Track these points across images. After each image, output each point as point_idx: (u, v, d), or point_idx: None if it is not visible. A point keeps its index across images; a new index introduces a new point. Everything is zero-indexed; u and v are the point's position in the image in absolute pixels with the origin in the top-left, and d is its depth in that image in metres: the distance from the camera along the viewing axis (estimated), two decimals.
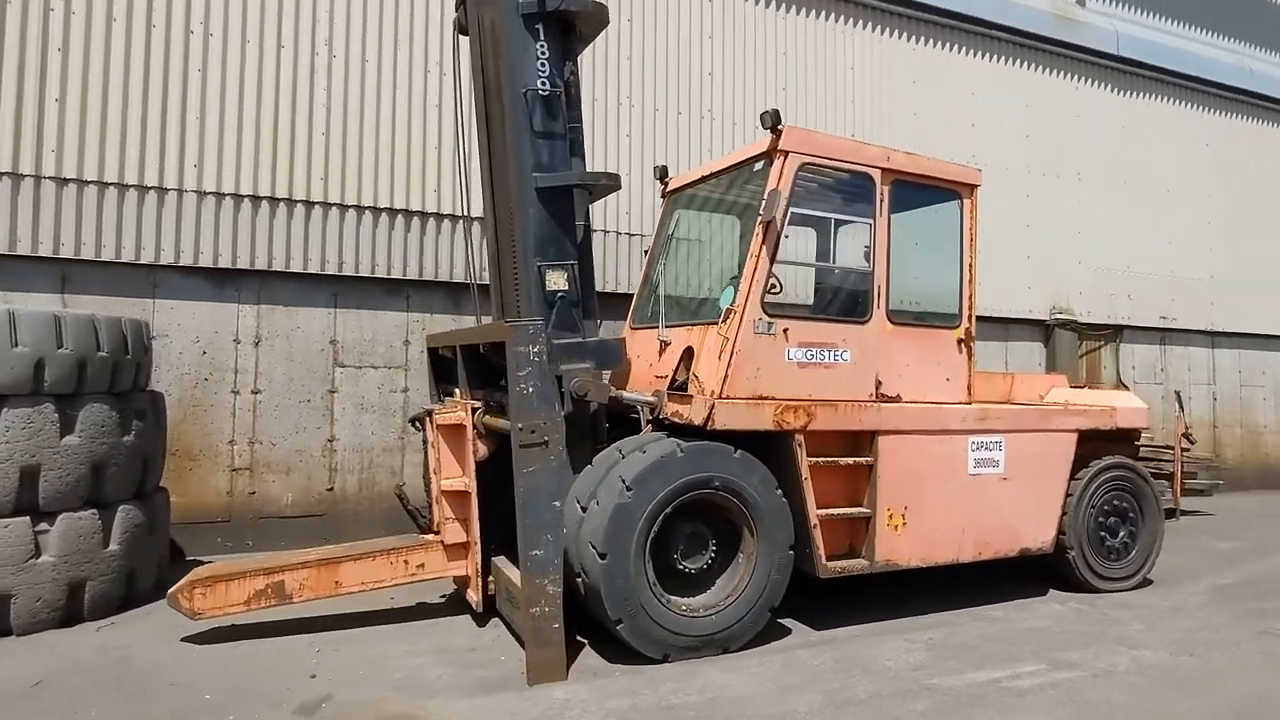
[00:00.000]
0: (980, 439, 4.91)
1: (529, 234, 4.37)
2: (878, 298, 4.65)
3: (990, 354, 9.22)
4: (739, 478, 4.12)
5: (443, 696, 3.51)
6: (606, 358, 4.40)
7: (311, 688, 3.58)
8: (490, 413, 4.42)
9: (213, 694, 3.48)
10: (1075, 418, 5.32)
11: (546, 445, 3.71)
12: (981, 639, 4.45)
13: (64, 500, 4.27)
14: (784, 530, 4.24)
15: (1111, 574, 5.48)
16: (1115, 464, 5.53)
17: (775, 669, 3.92)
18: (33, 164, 5.69)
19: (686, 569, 4.13)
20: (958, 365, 4.94)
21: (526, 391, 3.68)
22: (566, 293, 4.38)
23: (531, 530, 3.67)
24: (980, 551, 4.94)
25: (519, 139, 4.37)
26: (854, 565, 4.53)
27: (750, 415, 4.20)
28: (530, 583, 3.65)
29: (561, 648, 3.71)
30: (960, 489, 4.83)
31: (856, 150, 4.62)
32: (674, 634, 3.96)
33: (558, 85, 4.40)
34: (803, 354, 4.41)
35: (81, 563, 4.32)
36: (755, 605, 4.16)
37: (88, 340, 4.36)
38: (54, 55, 5.76)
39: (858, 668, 3.96)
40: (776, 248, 4.35)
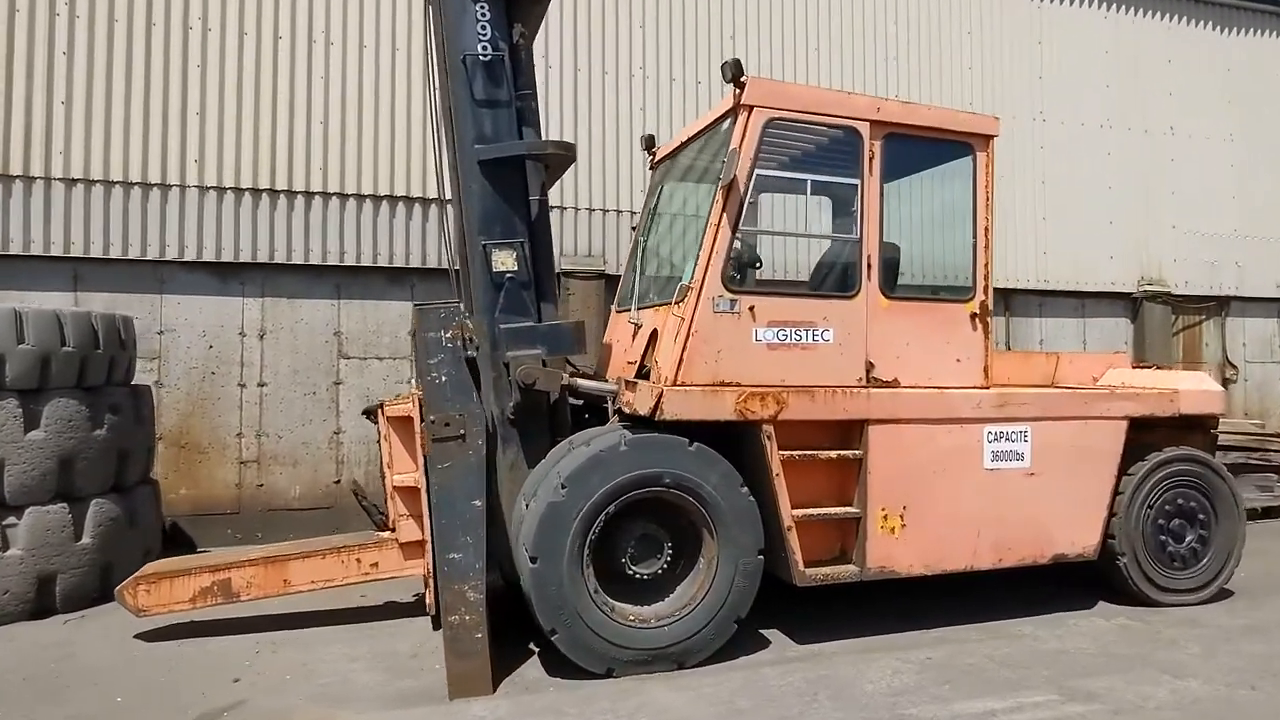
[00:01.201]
0: (999, 428, 4.25)
1: (473, 211, 4.06)
2: (867, 269, 4.07)
3: (1065, 333, 8.27)
4: (694, 474, 3.68)
5: (355, 707, 3.28)
6: (559, 343, 4.05)
7: (228, 693, 3.42)
8: None
9: (127, 697, 3.38)
10: (1124, 403, 4.56)
11: (463, 439, 3.40)
12: (990, 660, 3.84)
13: (31, 494, 4.31)
14: (750, 533, 3.77)
15: (1176, 585, 4.68)
16: (1180, 456, 4.71)
17: (731, 689, 3.48)
18: (43, 166, 5.86)
19: (638, 575, 3.74)
20: (971, 344, 4.29)
21: (440, 381, 3.38)
22: (516, 273, 4.05)
23: (448, 531, 3.38)
24: (1001, 558, 4.29)
25: (459, 109, 4.06)
26: (840, 572, 4.00)
27: (706, 404, 3.75)
28: (448, 589, 3.36)
29: (485, 659, 3.40)
30: (974, 486, 4.20)
31: (838, 102, 4.05)
32: (618, 646, 3.58)
33: (500, 49, 4.06)
34: (773, 334, 3.90)
35: (51, 556, 4.35)
36: (716, 616, 3.72)
37: (51, 336, 4.37)
38: (59, 59, 5.90)
39: (827, 691, 3.46)
40: (740, 215, 3.86)
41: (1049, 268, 8.14)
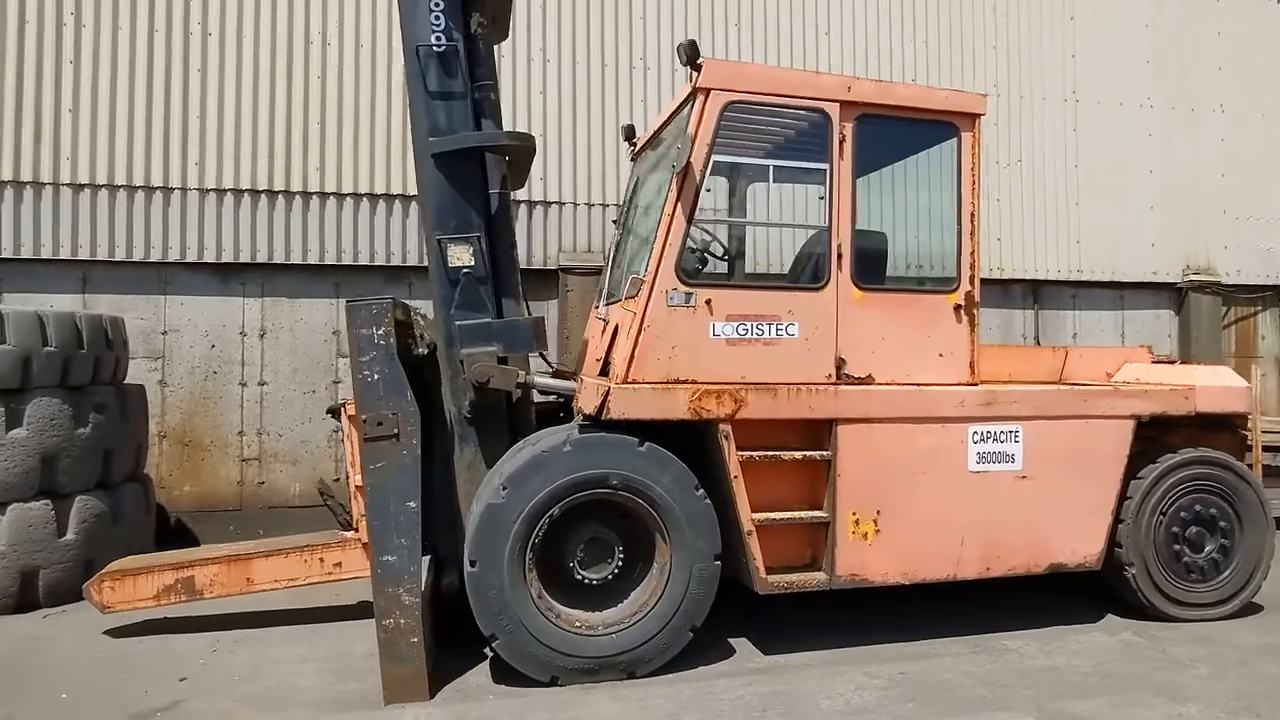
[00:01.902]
0: (985, 428, 3.96)
1: (428, 205, 3.98)
2: (837, 259, 3.84)
3: (1101, 326, 7.79)
4: (643, 475, 3.52)
5: (288, 711, 3.23)
6: (515, 340, 3.95)
7: (171, 692, 3.41)
8: None
9: (73, 694, 3.41)
10: (1130, 400, 4.20)
11: (397, 438, 3.31)
12: (969, 677, 3.58)
13: (13, 491, 4.41)
14: (706, 537, 3.59)
15: (1193, 598, 4.30)
16: (1198, 459, 4.33)
17: (678, 702, 3.31)
18: (51, 172, 6.03)
19: (588, 580, 3.60)
20: (955, 338, 4.01)
21: (372, 379, 3.30)
22: (472, 269, 3.95)
23: (381, 534, 3.29)
24: (989, 567, 4.00)
25: (414, 101, 3.99)
26: (807, 580, 3.78)
27: (657, 402, 3.58)
28: (382, 592, 3.28)
29: (421, 665, 3.31)
30: (957, 490, 3.93)
31: (804, 82, 3.82)
32: (563, 654, 3.45)
33: (454, 39, 3.96)
34: (733, 329, 3.71)
35: (34, 551, 4.45)
36: (669, 624, 3.55)
37: (32, 336, 4.47)
38: (66, 68, 6.07)
39: (779, 708, 3.26)
40: (695, 204, 3.68)
41: (1083, 257, 7.67)
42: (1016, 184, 7.54)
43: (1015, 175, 7.54)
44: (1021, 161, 7.56)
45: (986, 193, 7.42)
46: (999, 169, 7.49)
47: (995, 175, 7.48)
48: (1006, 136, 7.53)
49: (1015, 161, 7.55)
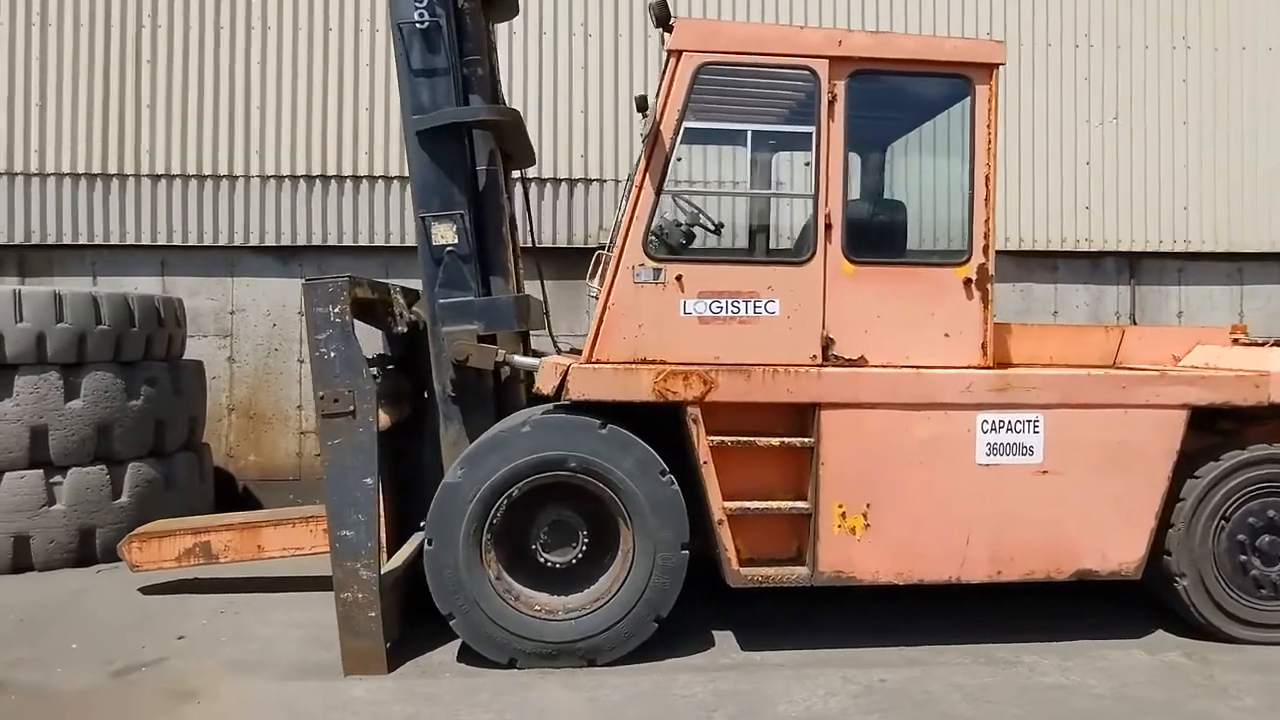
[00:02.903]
0: (997, 416, 3.56)
1: (413, 183, 4.00)
2: (826, 230, 3.53)
3: (1214, 303, 6.87)
4: (603, 458, 3.40)
5: (256, 676, 3.37)
6: (497, 318, 3.90)
7: (164, 649, 3.64)
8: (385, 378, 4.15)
9: (82, 644, 3.70)
10: (1182, 388, 3.65)
11: (353, 415, 3.35)
12: (956, 690, 3.24)
13: (72, 456, 4.84)
14: (672, 525, 3.43)
15: (1263, 618, 3.73)
16: (1272, 457, 3.72)
17: (629, 695, 3.19)
18: (133, 164, 6.54)
19: (551, 564, 3.53)
20: (964, 316, 3.62)
21: (328, 356, 3.34)
22: (456, 247, 3.93)
23: (339, 509, 3.35)
24: (1000, 570, 3.61)
25: (400, 79, 4.00)
26: (785, 575, 3.55)
27: (619, 383, 3.43)
28: (340, 566, 3.35)
29: (378, 639, 3.36)
30: (962, 484, 3.56)
31: (787, 38, 3.52)
32: (520, 637, 3.40)
33: (437, 15, 3.91)
34: (705, 306, 3.50)
35: (90, 512, 4.88)
36: (630, 613, 3.43)
37: (87, 316, 4.87)
38: (145, 67, 6.54)
39: (732, 709, 3.08)
40: (664, 175, 3.49)
41: (1192, 225, 6.77)
42: (1110, 144, 6.73)
43: (1109, 134, 6.73)
44: (1118, 119, 6.74)
45: (1074, 155, 6.70)
46: (1089, 128, 6.71)
47: (1085, 135, 6.71)
48: (1099, 90, 6.72)
49: (1110, 119, 6.74)
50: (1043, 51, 6.70)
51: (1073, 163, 6.71)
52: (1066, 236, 6.74)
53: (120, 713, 3.04)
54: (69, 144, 6.47)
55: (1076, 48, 6.73)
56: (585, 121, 6.50)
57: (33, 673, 3.37)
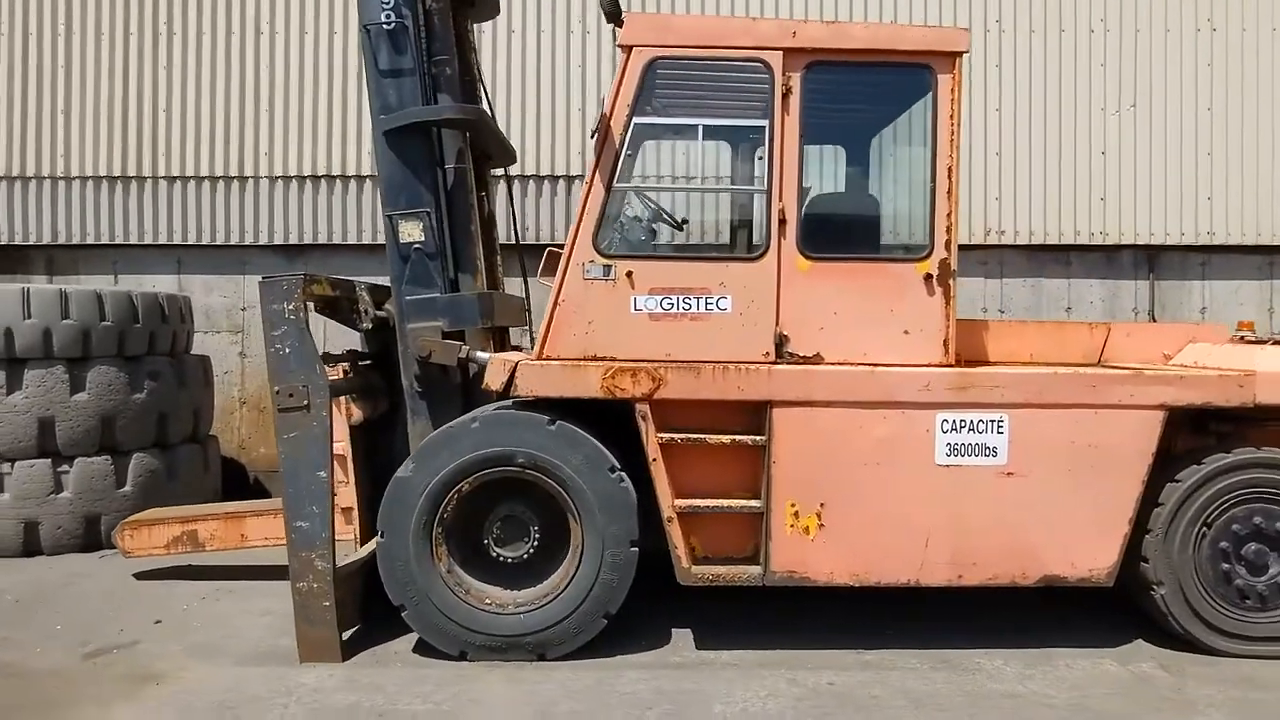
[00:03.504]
0: (958, 416, 3.46)
1: (381, 182, 4.07)
2: (780, 225, 3.47)
3: (1241, 298, 6.57)
4: (552, 454, 3.42)
5: (216, 661, 3.48)
6: (461, 315, 3.94)
7: (139, 632, 3.79)
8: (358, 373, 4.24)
9: (67, 624, 3.87)
10: (1158, 388, 3.49)
11: (308, 409, 3.43)
12: (902, 696, 3.17)
13: (78, 447, 5.07)
14: (620, 522, 3.43)
15: (1246, 630, 3.55)
16: (1259, 461, 3.54)
17: (569, 690, 3.21)
18: (151, 167, 6.80)
19: (504, 558, 3.56)
20: (925, 312, 3.52)
21: (284, 352, 3.43)
22: (422, 244, 3.99)
23: (295, 501, 3.44)
24: (961, 574, 3.51)
25: (367, 80, 4.07)
26: (737, 574, 3.51)
27: (567, 380, 3.44)
28: (296, 556, 3.44)
29: (333, 628, 3.44)
30: (921, 485, 3.47)
31: (739, 30, 3.46)
32: (470, 630, 3.44)
33: (404, 16, 3.97)
34: (655, 303, 3.48)
35: (95, 500, 5.10)
36: (579, 609, 3.44)
37: (91, 312, 5.09)
38: (161, 73, 6.79)
39: (667, 707, 3.07)
40: (615, 170, 3.48)
41: (1216, 216, 6.46)
42: (1128, 132, 6.46)
43: (1126, 122, 6.46)
44: (1136, 106, 6.46)
45: (1088, 145, 6.46)
46: (1104, 116, 6.45)
47: (1101, 123, 6.46)
48: (1116, 77, 6.46)
49: (1129, 106, 6.47)
50: (1055, 37, 6.47)
51: (1086, 152, 6.47)
52: (1080, 229, 6.50)
53: (82, 692, 3.17)
54: (91, 148, 6.75)
55: (1092, 32, 6.47)
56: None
57: (12, 652, 3.55)
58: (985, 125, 6.49)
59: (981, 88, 6.48)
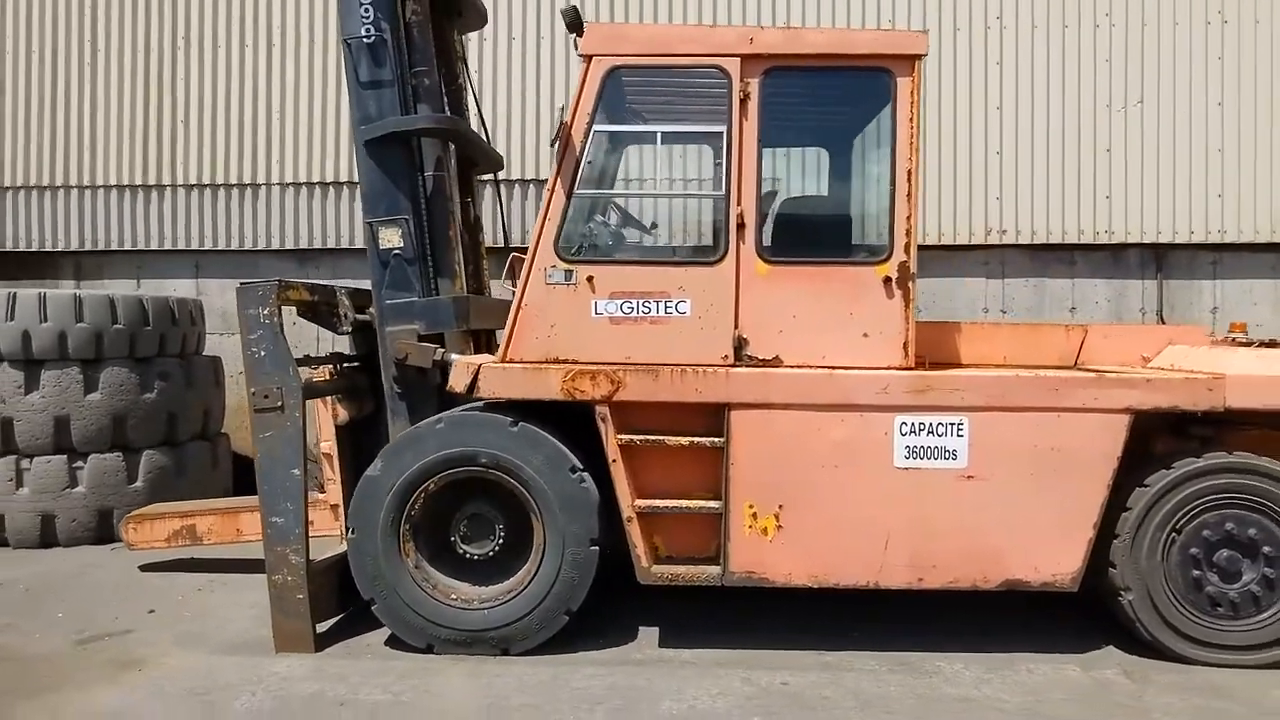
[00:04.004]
0: (917, 418, 3.46)
1: (362, 191, 4.20)
2: (739, 229, 3.51)
3: (1255, 298, 6.39)
4: (513, 455, 3.51)
5: (198, 649, 3.64)
6: (437, 318, 4.05)
7: (132, 621, 3.99)
8: (343, 375, 4.39)
9: (69, 612, 4.09)
10: (1122, 391, 3.45)
11: (282, 410, 3.57)
12: (853, 697, 3.19)
13: (92, 444, 5.33)
14: (580, 521, 3.51)
15: (1218, 638, 3.48)
16: (1231, 466, 3.48)
17: (525, 684, 3.29)
18: (170, 175, 7.09)
19: (470, 555, 3.67)
20: (884, 315, 3.52)
21: (259, 355, 3.58)
22: (401, 250, 4.12)
23: (270, 497, 3.59)
24: (921, 577, 3.51)
25: (350, 92, 4.20)
26: (696, 574, 3.57)
27: (528, 382, 3.53)
28: (272, 550, 3.59)
29: (307, 620, 3.58)
30: (880, 487, 3.48)
31: (696, 38, 3.51)
32: (436, 624, 3.56)
33: (383, 30, 4.10)
34: (616, 307, 3.55)
35: (107, 494, 5.36)
36: (540, 605, 3.53)
37: (103, 316, 5.34)
38: (179, 84, 7.06)
39: (613, 705, 3.13)
40: (574, 178, 3.55)
41: (1228, 214, 6.28)
42: (1134, 129, 6.32)
43: (1133, 119, 6.32)
44: (1143, 103, 6.32)
45: (1093, 142, 6.34)
46: (1109, 113, 6.33)
47: (1106, 120, 6.34)
48: (1122, 73, 6.33)
49: (1136, 103, 6.33)
50: (1059, 33, 6.36)
51: (1091, 150, 6.34)
52: (1085, 228, 6.38)
53: (68, 676, 3.36)
54: (114, 158, 7.06)
55: (1096, 28, 6.35)
56: None
57: (12, 637, 3.77)
58: (986, 123, 6.41)
59: (983, 85, 6.41)
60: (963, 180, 6.43)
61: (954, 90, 6.41)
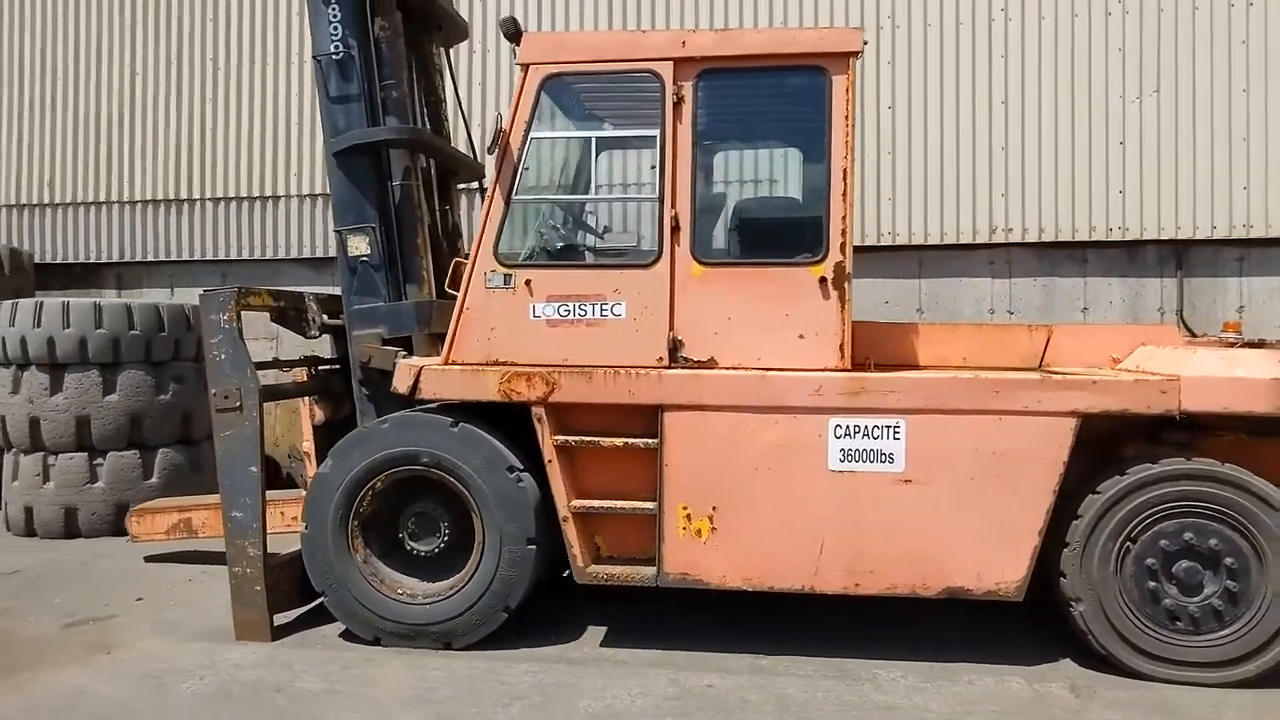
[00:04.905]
0: (851, 421, 3.40)
1: (333, 200, 4.39)
2: (673, 232, 3.53)
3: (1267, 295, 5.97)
4: (453, 455, 3.61)
5: (168, 635, 3.86)
6: (399, 322, 4.20)
7: (119, 608, 4.25)
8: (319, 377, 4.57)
9: (66, 599, 4.39)
10: (1068, 393, 3.31)
11: (240, 410, 3.76)
12: (775, 701, 3.16)
13: (110, 442, 5.70)
14: (518, 521, 3.58)
15: (1176, 654, 3.30)
16: (1190, 473, 3.30)
17: (457, 677, 3.38)
18: (200, 190, 7.50)
19: (417, 551, 3.78)
20: (821, 316, 3.48)
21: (220, 358, 3.78)
22: (368, 257, 4.28)
23: (230, 493, 3.78)
24: (858, 582, 3.44)
25: (320, 106, 4.39)
26: (631, 574, 3.59)
27: (467, 384, 3.62)
28: (232, 544, 3.78)
29: (264, 610, 3.76)
30: (814, 491, 3.44)
31: (629, 44, 3.55)
32: (382, 618, 3.68)
33: (351, 46, 4.27)
34: (553, 310, 3.61)
35: (124, 489, 5.71)
36: (479, 602, 3.61)
37: (121, 323, 5.70)
38: (208, 103, 7.48)
39: (536, 699, 3.19)
40: (513, 185, 3.63)
41: (1254, 207, 5.93)
42: (1151, 120, 6.03)
43: (1148, 109, 6.03)
44: (1159, 91, 6.02)
45: (1104, 135, 6.08)
46: (1122, 104, 6.05)
47: (1119, 111, 6.06)
48: (1136, 61, 6.05)
49: (1151, 92, 6.04)
50: (1067, 24, 6.13)
51: (1103, 143, 6.09)
52: (1097, 224, 6.12)
53: (47, 656, 3.61)
54: (151, 175, 7.53)
55: (1108, 15, 6.09)
56: None
57: (8, 620, 4.07)
58: (990, 119, 6.22)
59: (986, 80, 6.23)
60: (965, 178, 6.25)
61: (956, 86, 6.26)
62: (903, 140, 6.29)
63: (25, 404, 5.64)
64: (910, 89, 6.30)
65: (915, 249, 6.35)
